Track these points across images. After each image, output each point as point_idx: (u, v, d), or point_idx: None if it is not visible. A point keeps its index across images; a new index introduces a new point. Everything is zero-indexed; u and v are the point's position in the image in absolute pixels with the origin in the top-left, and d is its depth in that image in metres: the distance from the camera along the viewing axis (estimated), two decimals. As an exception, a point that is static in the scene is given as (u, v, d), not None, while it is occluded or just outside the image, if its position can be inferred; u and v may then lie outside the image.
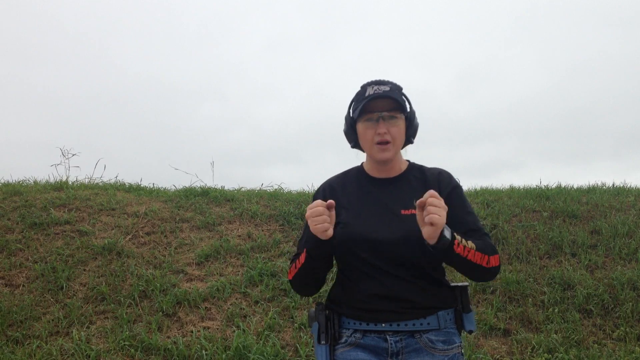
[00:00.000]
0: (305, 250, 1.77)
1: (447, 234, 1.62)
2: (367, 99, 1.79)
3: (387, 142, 1.81)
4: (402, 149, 1.90)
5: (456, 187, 1.86)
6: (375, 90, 1.81)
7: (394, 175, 1.89)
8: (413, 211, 1.77)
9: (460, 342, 1.82)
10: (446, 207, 1.60)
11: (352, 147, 1.93)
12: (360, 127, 1.84)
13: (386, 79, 1.88)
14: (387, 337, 1.76)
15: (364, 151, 1.91)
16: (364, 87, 1.86)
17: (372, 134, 1.81)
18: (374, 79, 1.87)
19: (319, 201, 1.68)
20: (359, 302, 1.79)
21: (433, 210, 1.57)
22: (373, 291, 1.77)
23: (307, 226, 1.90)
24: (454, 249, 1.65)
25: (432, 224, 1.57)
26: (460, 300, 1.84)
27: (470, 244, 1.69)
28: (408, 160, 1.95)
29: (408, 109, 1.86)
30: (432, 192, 1.60)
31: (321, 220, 1.65)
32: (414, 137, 1.89)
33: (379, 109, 1.80)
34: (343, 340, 1.81)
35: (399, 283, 1.75)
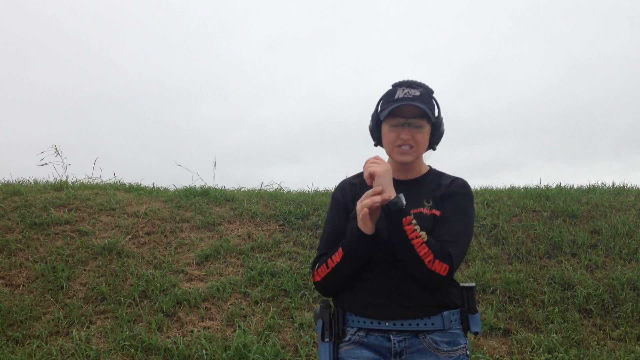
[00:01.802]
0: (341, 248, 1.76)
1: (402, 201, 1.66)
2: (395, 103, 1.79)
3: (409, 147, 1.82)
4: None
5: (462, 194, 1.84)
6: (406, 93, 1.82)
7: (411, 178, 1.90)
8: (422, 209, 1.79)
9: (466, 343, 1.81)
10: (388, 165, 1.71)
11: (375, 145, 1.94)
12: (385, 128, 1.85)
13: (418, 80, 1.87)
14: (391, 336, 1.77)
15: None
16: (395, 88, 1.86)
17: (395, 137, 1.83)
18: (405, 79, 1.87)
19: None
20: (363, 296, 1.79)
21: (370, 164, 1.71)
22: (377, 286, 1.78)
23: (328, 224, 1.93)
24: (403, 224, 1.66)
25: (371, 175, 1.69)
26: (466, 300, 1.84)
27: (424, 234, 1.68)
28: (430, 166, 1.96)
29: (436, 116, 1.85)
30: (375, 156, 1.75)
31: (361, 206, 1.69)
32: (437, 144, 1.90)
33: (406, 115, 1.80)
34: (347, 338, 1.82)
35: (404, 279, 1.75)
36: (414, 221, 1.68)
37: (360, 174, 1.97)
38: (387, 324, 1.76)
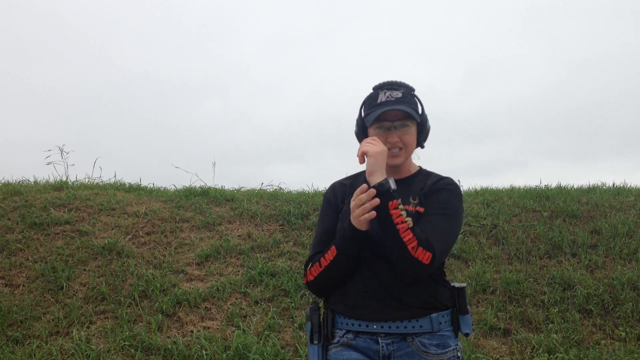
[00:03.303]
0: (334, 247, 1.76)
1: (391, 184, 1.67)
2: (379, 108, 1.79)
3: (399, 149, 1.82)
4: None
5: (447, 190, 1.82)
6: (388, 97, 1.82)
7: (400, 177, 1.90)
8: (408, 207, 1.78)
9: (457, 344, 1.80)
10: (383, 147, 1.73)
11: None
12: (371, 133, 1.85)
13: (398, 80, 1.87)
14: (379, 339, 1.76)
15: None
16: (376, 91, 1.86)
17: (383, 142, 1.81)
18: (386, 80, 1.87)
19: (364, 187, 1.71)
20: (352, 297, 1.79)
21: (365, 144, 1.73)
22: (366, 287, 1.78)
23: (320, 224, 1.94)
24: (389, 208, 1.66)
25: (364, 154, 1.71)
26: (457, 301, 1.82)
27: (409, 220, 1.67)
28: (420, 167, 1.96)
29: (420, 114, 1.86)
30: (372, 137, 1.76)
31: (363, 209, 1.68)
32: (424, 141, 1.90)
33: (391, 118, 1.81)
34: (335, 340, 1.82)
35: (392, 279, 1.75)
36: (401, 206, 1.67)
37: (352, 176, 1.99)
38: (374, 326, 1.76)
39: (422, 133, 1.88)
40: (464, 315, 1.81)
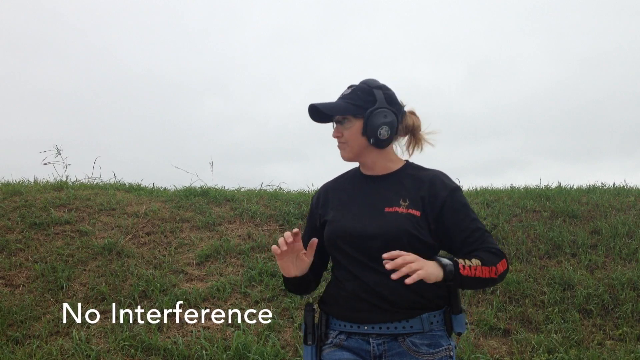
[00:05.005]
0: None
1: (448, 273, 1.65)
2: (311, 108, 1.87)
3: (342, 143, 1.88)
4: (380, 148, 1.86)
5: (453, 190, 1.83)
6: (340, 95, 1.91)
7: (383, 173, 1.89)
8: (397, 209, 1.78)
9: (449, 344, 1.79)
10: (422, 264, 1.60)
11: None
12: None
13: (360, 81, 1.90)
14: (370, 339, 1.77)
15: None
16: None
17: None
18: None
19: (281, 241, 1.78)
20: (344, 299, 1.81)
21: (407, 271, 1.58)
22: (357, 288, 1.79)
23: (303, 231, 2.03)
24: (461, 273, 1.67)
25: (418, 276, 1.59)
26: (449, 301, 1.82)
27: (474, 261, 1.69)
28: (407, 161, 1.94)
29: (368, 109, 1.82)
30: (389, 255, 1.59)
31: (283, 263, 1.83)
32: (373, 137, 1.83)
33: (332, 114, 1.88)
34: (329, 341, 1.84)
35: (382, 280, 1.74)
36: (463, 265, 1.67)
37: (338, 177, 2.01)
38: (365, 327, 1.77)
39: (367, 128, 1.82)
40: (457, 314, 1.81)
